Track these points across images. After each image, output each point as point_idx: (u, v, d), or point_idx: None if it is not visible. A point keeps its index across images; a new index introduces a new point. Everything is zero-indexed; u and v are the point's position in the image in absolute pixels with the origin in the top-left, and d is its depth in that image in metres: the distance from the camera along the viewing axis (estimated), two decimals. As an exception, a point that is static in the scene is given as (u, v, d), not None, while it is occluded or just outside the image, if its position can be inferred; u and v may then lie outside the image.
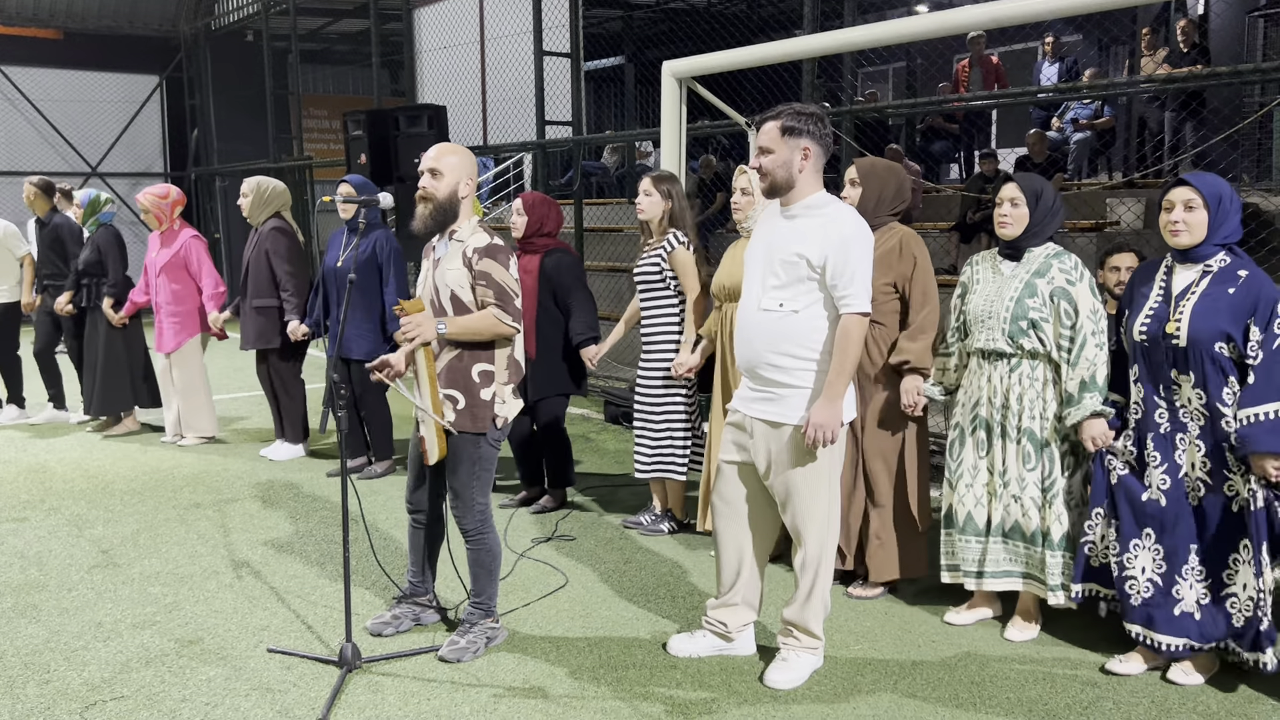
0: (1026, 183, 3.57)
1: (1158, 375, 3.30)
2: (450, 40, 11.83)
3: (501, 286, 3.41)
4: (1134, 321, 3.34)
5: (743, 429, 3.36)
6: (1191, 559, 3.27)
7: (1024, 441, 3.55)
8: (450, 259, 3.46)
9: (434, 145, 3.50)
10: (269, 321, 6.15)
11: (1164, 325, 3.25)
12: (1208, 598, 3.25)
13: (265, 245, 6.12)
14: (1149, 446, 3.33)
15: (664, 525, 4.88)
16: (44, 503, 5.48)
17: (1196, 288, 3.23)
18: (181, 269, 6.61)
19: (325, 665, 3.49)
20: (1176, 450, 3.28)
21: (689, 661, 3.51)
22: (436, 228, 3.48)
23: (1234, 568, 3.21)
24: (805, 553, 3.33)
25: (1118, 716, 3.12)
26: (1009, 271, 3.60)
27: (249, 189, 6.19)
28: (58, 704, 3.25)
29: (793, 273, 3.20)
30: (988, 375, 3.62)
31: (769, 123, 3.24)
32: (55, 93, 16.29)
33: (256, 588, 4.23)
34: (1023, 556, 3.63)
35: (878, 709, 3.18)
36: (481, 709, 3.19)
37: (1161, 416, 3.31)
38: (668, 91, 6.34)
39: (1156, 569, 3.31)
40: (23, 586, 4.26)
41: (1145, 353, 3.32)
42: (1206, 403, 3.20)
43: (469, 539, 3.56)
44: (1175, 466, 3.28)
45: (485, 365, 3.47)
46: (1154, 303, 3.32)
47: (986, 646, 3.62)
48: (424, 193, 3.43)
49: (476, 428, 3.46)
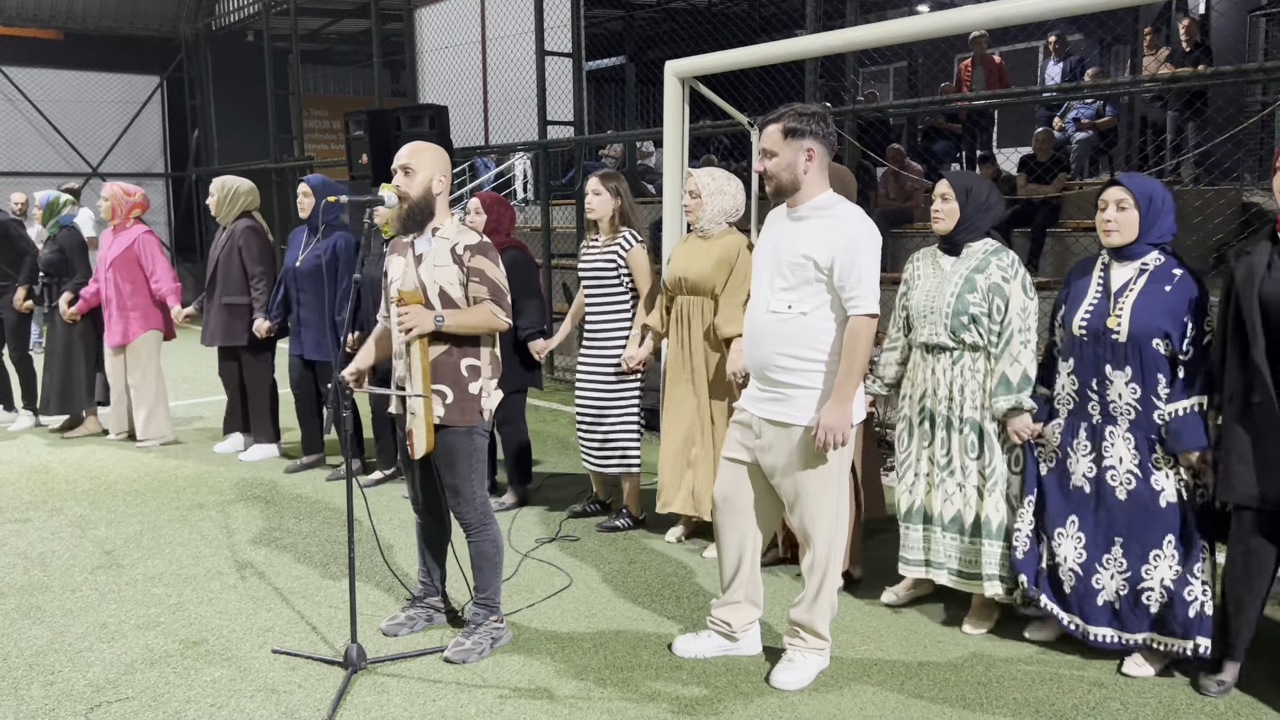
0: (957, 179, 3.70)
1: (1094, 369, 3.39)
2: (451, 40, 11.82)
3: (495, 283, 3.43)
4: (1073, 316, 3.44)
5: (750, 429, 3.35)
6: (1115, 549, 3.37)
7: (967, 431, 3.64)
8: (437, 255, 3.44)
9: (405, 144, 3.49)
10: (238, 319, 6.19)
11: (1104, 320, 3.35)
12: (1126, 589, 3.34)
13: (238, 244, 6.18)
14: (1080, 437, 3.43)
15: (619, 521, 4.95)
16: (46, 504, 5.47)
17: (1135, 285, 3.34)
18: (133, 264, 6.67)
19: (330, 666, 3.48)
20: (1105, 442, 3.38)
21: (695, 662, 3.50)
22: (413, 225, 3.47)
23: (1153, 563, 3.31)
24: (814, 554, 3.32)
25: (1125, 717, 3.11)
26: (949, 267, 3.69)
27: (216, 189, 6.27)
28: (62, 705, 3.24)
29: (800, 274, 3.19)
30: (931, 368, 3.71)
31: (771, 125, 3.23)
32: (56, 93, 16.27)
33: (260, 588, 4.22)
34: (959, 550, 3.71)
35: (885, 709, 3.17)
36: (487, 710, 3.18)
37: (1094, 409, 3.40)
38: (670, 91, 6.33)
39: (1078, 558, 3.43)
40: (26, 587, 4.25)
41: (1083, 347, 3.41)
42: (1140, 397, 3.30)
43: (471, 533, 3.56)
44: (1103, 458, 3.38)
45: (472, 360, 3.48)
46: (1093, 299, 3.42)
47: (993, 648, 3.61)
48: (398, 191, 3.43)
49: (465, 421, 3.46)
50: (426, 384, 3.40)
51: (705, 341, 4.45)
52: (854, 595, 4.08)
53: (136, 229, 6.75)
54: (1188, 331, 3.25)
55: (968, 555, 3.67)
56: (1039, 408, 3.52)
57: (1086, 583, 3.41)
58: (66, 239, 7.06)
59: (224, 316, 6.19)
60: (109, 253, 6.70)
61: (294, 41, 13.92)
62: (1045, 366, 3.60)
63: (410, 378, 3.44)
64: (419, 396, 3.37)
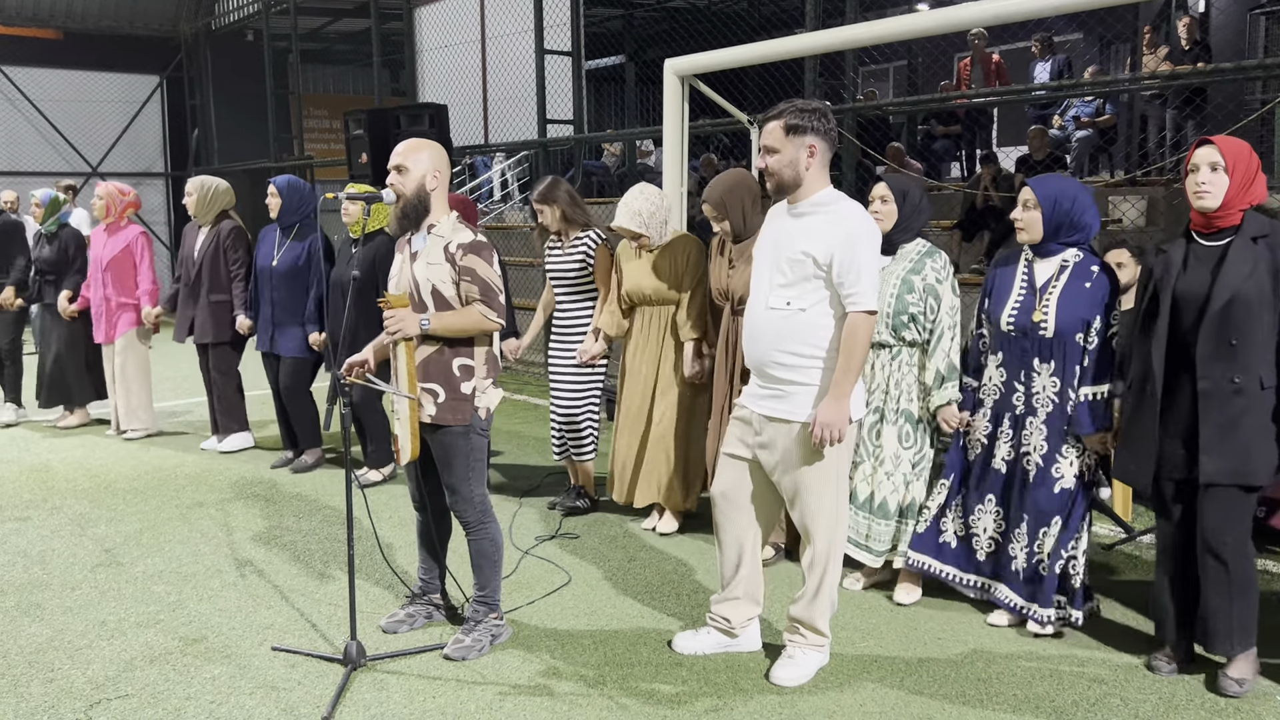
0: (895, 183, 3.93)
1: (1021, 363, 3.61)
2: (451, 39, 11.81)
3: (486, 282, 3.39)
4: (1000, 313, 3.64)
5: (749, 425, 3.35)
6: (1022, 526, 3.64)
7: (901, 422, 3.91)
8: (430, 253, 3.43)
9: (401, 142, 3.48)
10: (226, 315, 6.30)
11: (1031, 316, 3.55)
12: (1028, 562, 3.64)
13: (224, 243, 6.29)
14: (1004, 425, 3.68)
15: (580, 502, 5.17)
16: (46, 502, 5.47)
17: (1058, 281, 3.55)
18: (129, 264, 6.82)
19: (330, 663, 3.48)
20: (1024, 430, 3.62)
21: (694, 658, 3.50)
22: (407, 224, 3.45)
23: (1042, 538, 3.59)
24: (814, 550, 3.32)
25: (1125, 713, 3.11)
26: (884, 266, 3.86)
27: (194, 188, 6.35)
28: (62, 702, 3.24)
29: (799, 271, 3.19)
30: (872, 364, 3.95)
31: (772, 122, 3.23)
32: (56, 93, 16.28)
33: (260, 586, 4.22)
34: (886, 533, 3.97)
35: (884, 705, 3.17)
36: (487, 706, 3.18)
37: (1018, 400, 3.63)
38: (670, 89, 6.33)
39: (997, 529, 3.73)
40: (26, 585, 4.25)
41: (1011, 342, 3.62)
42: (1059, 389, 3.54)
43: (470, 531, 3.56)
44: (1021, 444, 3.63)
45: (465, 360, 3.45)
46: (1019, 295, 3.61)
47: (993, 644, 3.61)
48: (393, 189, 3.42)
49: (458, 420, 3.43)
50: (413, 386, 3.39)
51: (672, 345, 4.73)
52: (852, 592, 4.08)
53: (132, 229, 6.88)
54: (1098, 324, 3.49)
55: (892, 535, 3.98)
56: (965, 397, 3.80)
57: (1004, 551, 3.70)
58: (69, 237, 7.15)
59: (213, 314, 6.28)
60: (103, 252, 6.81)
61: (294, 41, 13.92)
62: (969, 358, 3.87)
63: (396, 380, 3.44)
64: (406, 397, 3.36)
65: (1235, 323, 3.12)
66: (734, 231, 4.31)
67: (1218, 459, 3.15)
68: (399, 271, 3.53)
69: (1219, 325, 3.14)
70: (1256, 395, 3.14)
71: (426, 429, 3.48)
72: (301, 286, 5.91)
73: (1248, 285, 3.11)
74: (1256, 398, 3.14)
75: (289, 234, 5.96)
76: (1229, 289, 3.12)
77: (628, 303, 4.81)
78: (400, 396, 3.40)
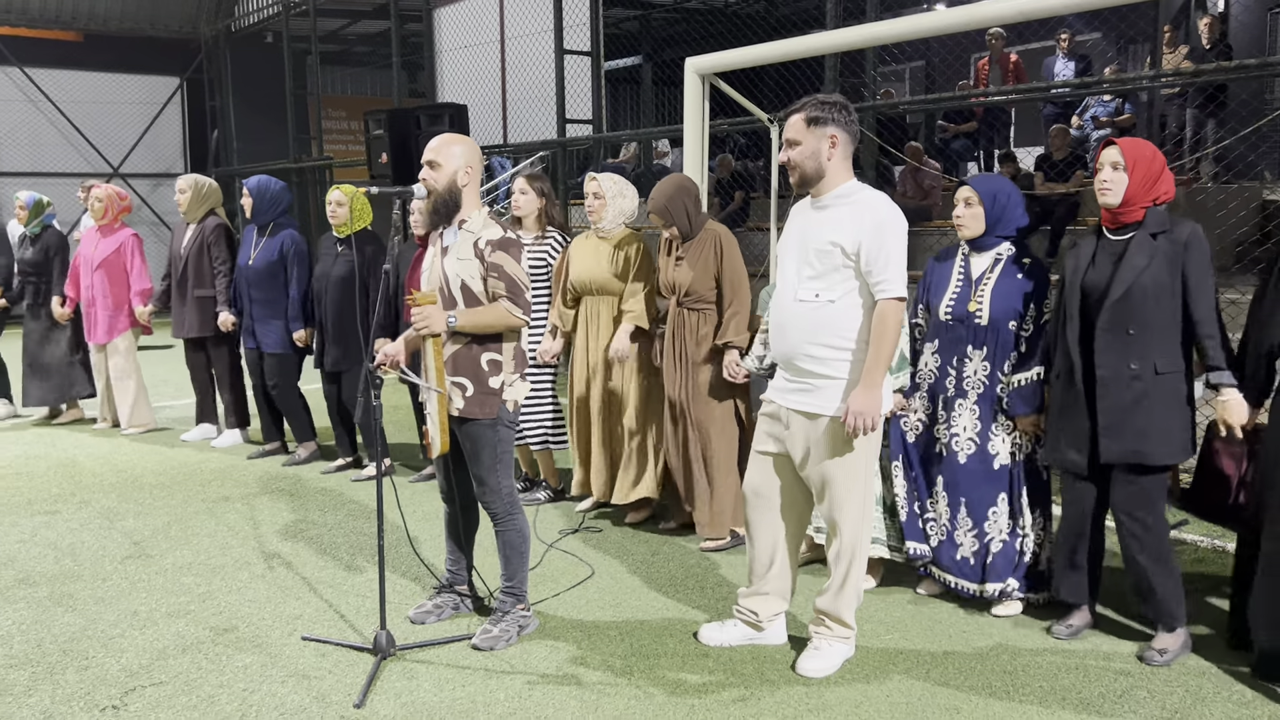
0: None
1: (955, 349, 3.80)
2: (470, 40, 11.87)
3: (513, 279, 3.42)
4: (939, 303, 3.83)
5: (778, 420, 3.37)
6: (962, 510, 3.80)
7: None
8: (460, 248, 3.46)
9: (434, 138, 3.52)
10: (210, 310, 6.45)
11: (967, 306, 3.74)
12: (976, 545, 3.78)
13: (209, 240, 6.44)
14: (937, 407, 3.85)
15: (541, 494, 5.33)
16: (74, 496, 5.54)
17: (992, 273, 3.74)
18: (121, 265, 6.99)
19: (360, 653, 3.52)
20: (954, 413, 3.80)
21: (720, 650, 3.53)
22: (439, 219, 3.49)
23: (991, 519, 3.75)
24: (840, 543, 3.33)
25: (1152, 705, 3.12)
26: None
27: (186, 185, 6.52)
28: (97, 690, 3.29)
29: (827, 262, 3.21)
30: None
31: (794, 115, 3.26)
32: (78, 94, 16.42)
33: (288, 578, 4.27)
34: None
35: (911, 697, 3.19)
36: (516, 695, 3.22)
37: (950, 384, 3.81)
38: (690, 88, 6.35)
39: (948, 515, 3.86)
40: (57, 576, 4.31)
41: (948, 329, 3.80)
42: (989, 373, 3.73)
43: (498, 522, 3.59)
44: (950, 426, 3.81)
45: (494, 355, 3.49)
46: (956, 286, 3.81)
47: (1018, 638, 3.63)
48: (425, 185, 3.46)
49: (486, 414, 3.47)
50: (441, 380, 3.43)
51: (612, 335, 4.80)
52: (877, 586, 4.10)
53: (124, 231, 7.09)
54: (1031, 313, 3.69)
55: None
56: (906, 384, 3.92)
57: (951, 538, 3.85)
58: (54, 240, 7.32)
59: (197, 309, 6.45)
60: (95, 253, 6.97)
61: (313, 42, 14.00)
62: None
63: (426, 375, 3.48)
64: (435, 391, 3.40)
65: (1133, 313, 3.31)
66: (681, 233, 4.53)
67: (1117, 441, 3.35)
68: (430, 266, 3.57)
69: (1118, 315, 3.32)
70: (1153, 380, 3.31)
71: (455, 422, 3.51)
72: (279, 283, 6.05)
73: (1145, 278, 3.28)
74: (1153, 383, 3.31)
75: (264, 232, 6.11)
76: (1126, 281, 3.31)
77: (574, 293, 4.92)
78: (430, 390, 3.44)
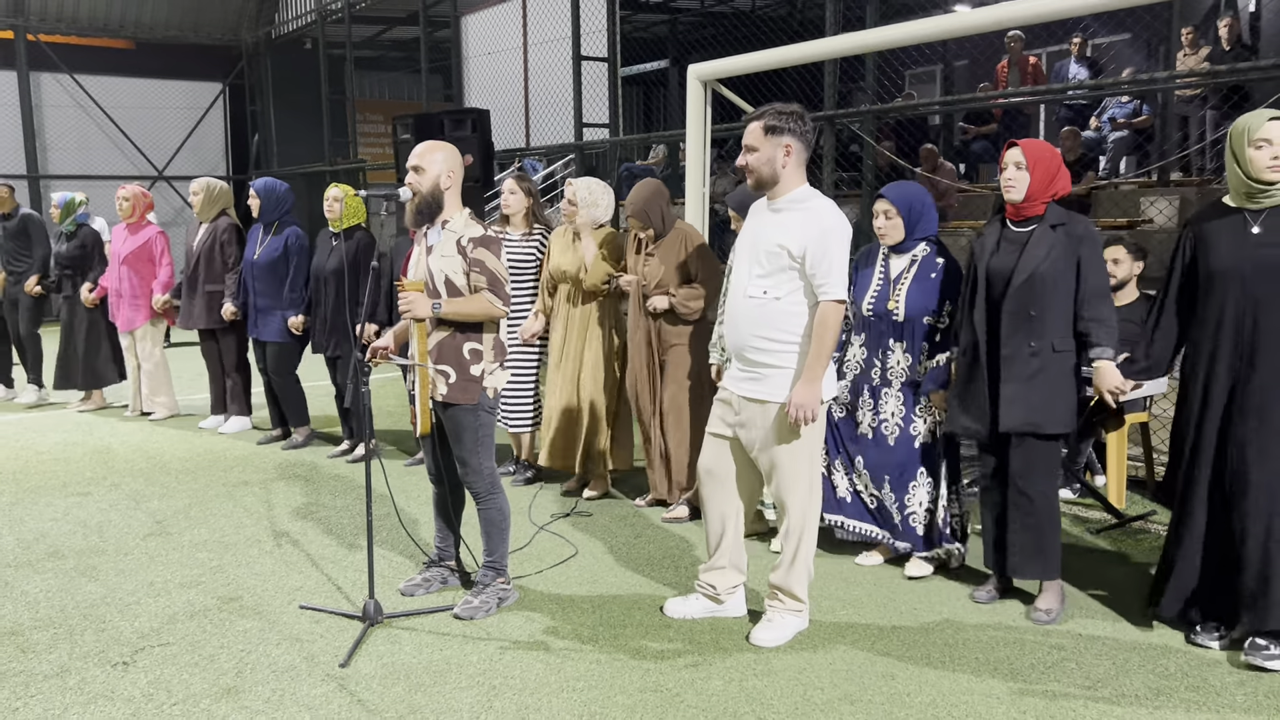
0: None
1: (879, 343, 4.20)
2: (494, 46, 12.21)
3: (494, 274, 3.72)
4: (861, 300, 4.22)
5: (730, 406, 3.62)
6: (886, 485, 4.20)
7: None
8: (444, 246, 3.76)
9: (419, 144, 3.82)
10: (218, 304, 6.88)
11: (886, 304, 4.14)
12: (899, 514, 4.19)
13: (220, 239, 6.89)
14: (864, 395, 4.24)
15: (528, 473, 5.77)
16: (106, 479, 5.92)
17: (908, 274, 4.13)
18: (146, 259, 7.47)
19: (350, 620, 3.82)
20: (881, 399, 4.20)
21: (683, 622, 3.78)
22: (423, 219, 3.79)
23: (912, 491, 4.17)
24: (789, 521, 3.58)
25: (1079, 675, 3.33)
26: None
27: (199, 188, 7.01)
28: (111, 648, 3.62)
29: (775, 262, 3.46)
30: None
31: (753, 123, 3.50)
32: (125, 99, 17.04)
33: (293, 554, 4.59)
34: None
35: (852, 665, 3.42)
36: (488, 659, 3.49)
37: (875, 374, 4.22)
38: (693, 94, 6.62)
39: (876, 486, 4.25)
40: (84, 551, 4.67)
41: (871, 325, 4.21)
42: (910, 364, 4.13)
43: (480, 501, 3.88)
44: (879, 413, 4.20)
45: (475, 344, 3.78)
46: (876, 285, 4.19)
47: (964, 614, 3.84)
48: (410, 188, 3.76)
49: (468, 399, 3.76)
50: (424, 361, 3.73)
51: (584, 324, 5.26)
52: (832, 560, 4.33)
53: (150, 228, 7.58)
54: (947, 308, 4.07)
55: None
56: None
57: (883, 505, 4.25)
58: (89, 236, 7.83)
59: (206, 303, 6.89)
60: (123, 248, 7.47)
61: (348, 49, 14.43)
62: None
63: (412, 359, 3.78)
64: (420, 366, 3.71)
65: (1034, 297, 3.63)
66: (656, 232, 4.93)
67: (1017, 411, 3.66)
68: (416, 262, 3.86)
69: (1021, 298, 3.64)
70: (1050, 356, 3.64)
71: (439, 407, 3.81)
72: (280, 277, 6.46)
73: (1044, 265, 3.61)
74: (1050, 359, 3.64)
75: (269, 230, 6.54)
76: (1028, 269, 3.63)
77: (552, 283, 5.40)
78: (416, 366, 3.74)
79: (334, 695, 3.25)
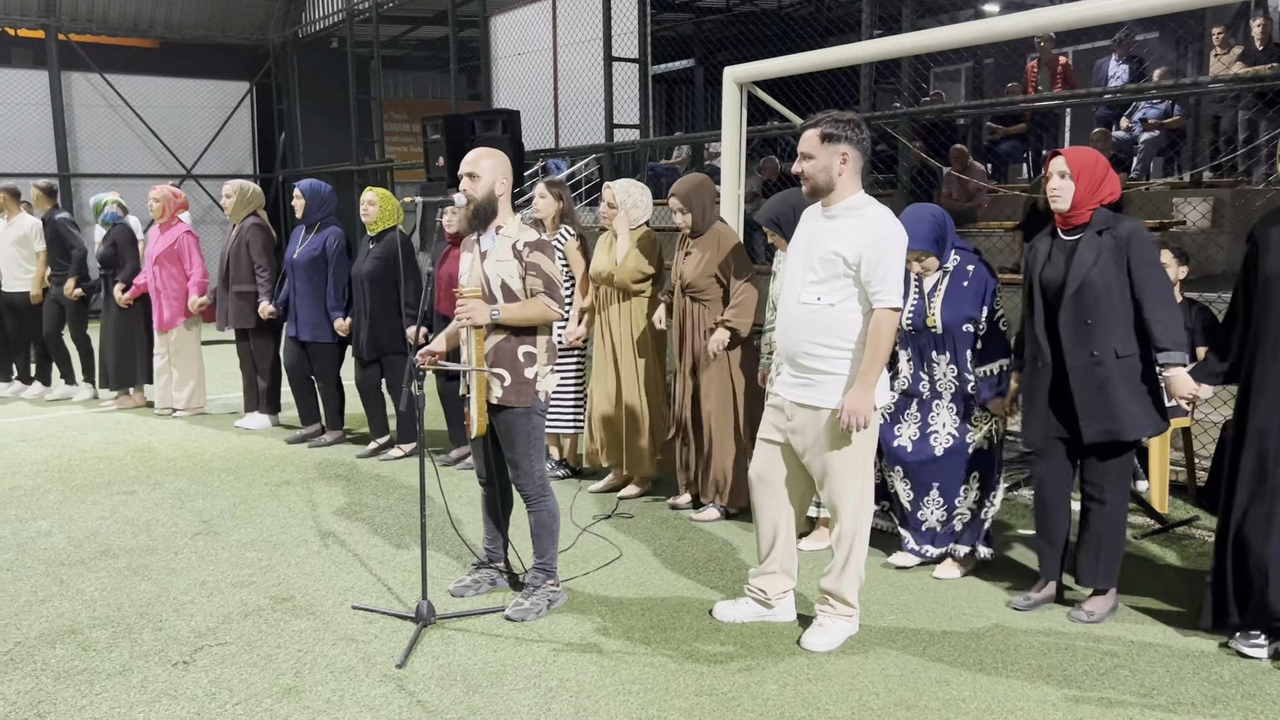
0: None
1: (922, 355, 4.25)
2: (524, 46, 12.24)
3: (550, 277, 3.76)
4: (901, 316, 4.07)
5: (782, 412, 3.64)
6: (933, 492, 4.26)
7: None
8: (499, 251, 3.80)
9: (471, 150, 3.85)
10: (248, 304, 6.99)
11: (924, 318, 4.18)
12: (945, 519, 4.27)
13: (246, 239, 6.99)
14: (911, 407, 4.29)
15: (560, 472, 5.89)
16: (149, 478, 5.99)
17: (941, 286, 4.18)
18: (175, 258, 7.57)
19: (403, 621, 3.86)
20: (932, 413, 4.24)
21: (732, 625, 3.81)
22: (478, 224, 3.83)
23: (963, 495, 4.23)
24: (841, 527, 3.60)
25: (1133, 682, 3.34)
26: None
27: (232, 190, 7.12)
28: (170, 647, 3.67)
29: (830, 269, 3.47)
30: None
31: (809, 130, 3.52)
32: (154, 99, 17.18)
33: (341, 554, 4.64)
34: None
35: (905, 670, 3.44)
36: (542, 660, 3.53)
37: (924, 386, 4.26)
38: (728, 96, 6.62)
39: (907, 496, 4.33)
40: (134, 549, 4.73)
41: (913, 339, 4.26)
42: (958, 374, 4.17)
43: (530, 504, 3.91)
44: (927, 424, 4.24)
45: (529, 347, 3.82)
46: (913, 300, 4.23)
47: (1015, 620, 3.85)
48: (466, 195, 3.79)
49: (521, 402, 3.80)
50: (481, 365, 3.77)
51: (623, 324, 5.34)
52: (886, 568, 4.34)
53: (179, 228, 7.66)
54: (983, 313, 4.11)
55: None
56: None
57: (914, 514, 4.33)
58: (120, 236, 7.91)
59: (236, 303, 6.99)
60: (155, 248, 7.58)
61: (375, 48, 14.50)
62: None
63: (469, 363, 3.81)
64: (477, 371, 3.74)
65: (1088, 305, 3.64)
66: (694, 225, 4.98)
67: (1094, 423, 3.67)
68: (469, 268, 3.90)
69: (1075, 308, 3.67)
70: (1114, 365, 3.65)
71: (493, 409, 3.84)
72: (321, 277, 6.53)
73: (1094, 273, 3.64)
74: (1115, 367, 3.64)
75: (311, 230, 6.62)
76: (1079, 277, 3.66)
77: (595, 285, 5.47)
78: (473, 371, 3.77)
79: (393, 696, 3.29)
